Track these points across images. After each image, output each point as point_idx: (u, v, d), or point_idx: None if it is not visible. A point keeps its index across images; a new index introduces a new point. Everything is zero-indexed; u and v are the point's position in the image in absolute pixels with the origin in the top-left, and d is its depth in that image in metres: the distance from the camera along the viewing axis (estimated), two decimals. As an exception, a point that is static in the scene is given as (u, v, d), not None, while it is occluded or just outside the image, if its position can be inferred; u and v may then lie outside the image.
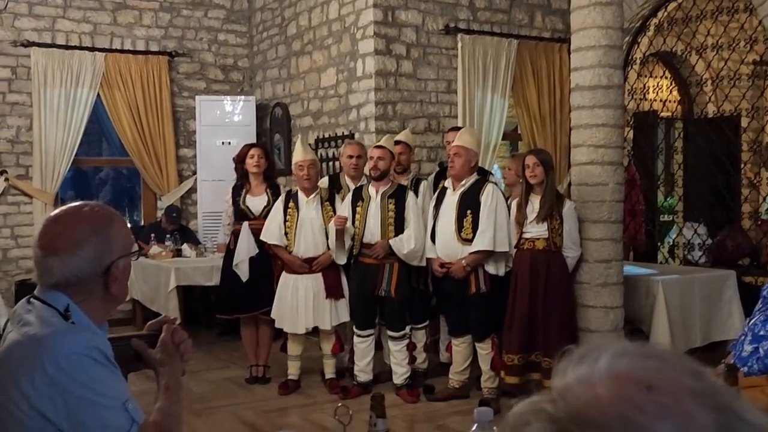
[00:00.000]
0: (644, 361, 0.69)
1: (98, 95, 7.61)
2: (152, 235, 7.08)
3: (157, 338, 1.80)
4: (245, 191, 5.63)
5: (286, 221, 5.28)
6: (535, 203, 4.78)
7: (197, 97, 7.98)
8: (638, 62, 7.57)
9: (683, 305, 5.43)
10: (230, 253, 5.62)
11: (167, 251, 6.85)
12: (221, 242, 6.37)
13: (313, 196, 5.29)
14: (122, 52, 7.80)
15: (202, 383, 5.56)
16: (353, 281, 5.22)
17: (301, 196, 5.31)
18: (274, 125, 8.03)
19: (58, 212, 1.73)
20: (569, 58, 5.23)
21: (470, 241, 4.82)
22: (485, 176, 5.22)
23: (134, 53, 7.85)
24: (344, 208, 5.18)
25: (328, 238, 5.20)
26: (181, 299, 6.32)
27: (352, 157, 5.45)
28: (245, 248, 5.52)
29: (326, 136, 7.17)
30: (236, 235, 5.58)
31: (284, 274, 5.33)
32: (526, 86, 7.20)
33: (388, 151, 5.18)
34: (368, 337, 5.20)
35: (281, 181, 6.22)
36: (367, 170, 5.38)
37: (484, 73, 6.89)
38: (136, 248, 1.83)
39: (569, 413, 0.66)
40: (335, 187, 5.53)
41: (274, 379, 5.58)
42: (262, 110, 8.15)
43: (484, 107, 6.88)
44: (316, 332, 5.37)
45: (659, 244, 7.97)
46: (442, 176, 5.48)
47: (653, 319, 5.28)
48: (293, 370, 5.43)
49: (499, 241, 4.79)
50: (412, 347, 5.24)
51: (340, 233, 5.05)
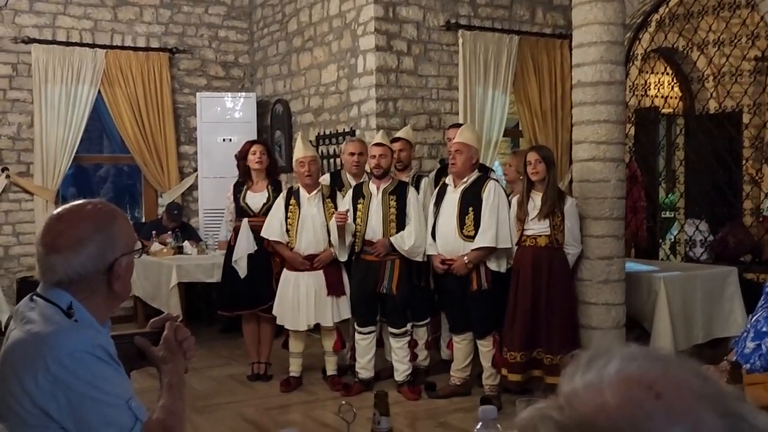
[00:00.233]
0: (651, 365, 0.69)
1: (99, 92, 7.60)
2: (153, 232, 7.08)
3: (159, 336, 1.80)
4: (246, 188, 5.63)
5: (287, 218, 5.28)
6: (536, 200, 4.77)
7: (198, 93, 7.97)
8: (640, 58, 7.56)
9: (685, 302, 5.43)
10: (231, 249, 5.64)
11: (168, 248, 6.86)
12: (222, 239, 6.38)
13: (314, 192, 5.28)
14: (123, 48, 7.79)
15: (204, 380, 5.56)
16: (355, 278, 5.22)
17: (302, 192, 5.30)
18: (274, 122, 8.02)
19: (60, 210, 1.73)
20: (570, 54, 5.23)
21: (472, 237, 4.82)
22: (486, 173, 5.21)
23: (135, 50, 7.84)
24: (344, 204, 5.17)
25: (329, 235, 5.20)
26: (182, 296, 6.32)
27: (353, 154, 5.44)
28: (244, 245, 5.53)
29: (327, 132, 7.17)
30: (237, 231, 5.59)
31: (285, 271, 5.33)
32: (527, 82, 7.18)
33: (388, 147, 5.18)
34: (369, 334, 5.20)
35: (282, 178, 6.21)
36: (368, 168, 5.37)
37: (485, 69, 6.87)
38: (139, 246, 1.83)
39: (576, 420, 0.66)
40: (337, 184, 5.53)
41: (275, 376, 5.58)
42: (262, 107, 8.14)
43: (485, 104, 6.87)
44: (317, 329, 5.37)
45: (661, 240, 7.97)
46: (443, 173, 5.47)
47: (655, 315, 5.28)
48: (295, 367, 5.43)
49: (501, 237, 4.79)
50: (413, 344, 5.23)
51: (341, 230, 5.05)
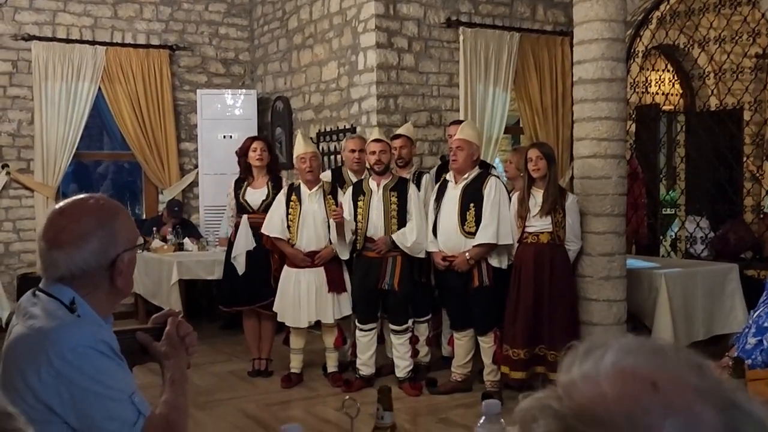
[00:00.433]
0: (649, 357, 0.69)
1: (99, 89, 7.60)
2: (154, 228, 7.08)
3: (162, 331, 1.79)
4: (246, 184, 5.63)
5: (288, 214, 5.28)
6: (537, 197, 4.77)
7: (198, 90, 7.96)
8: (641, 55, 7.55)
9: (686, 298, 5.43)
10: (232, 246, 5.64)
11: (169, 244, 6.87)
12: (223, 235, 6.38)
13: (316, 189, 5.28)
14: (123, 45, 7.78)
15: (205, 376, 5.56)
16: (356, 275, 5.21)
17: (303, 189, 5.30)
18: (275, 119, 8.02)
19: (62, 205, 1.72)
20: (571, 51, 5.22)
21: (473, 234, 4.82)
22: (487, 170, 5.21)
23: (135, 47, 7.83)
24: (344, 201, 5.17)
25: (330, 232, 5.20)
26: (183, 293, 6.32)
27: (354, 151, 5.44)
28: (243, 242, 5.53)
29: (328, 129, 7.16)
30: (237, 228, 5.59)
31: (286, 267, 5.33)
32: (528, 79, 7.18)
33: (387, 143, 5.18)
34: (371, 330, 5.20)
35: (283, 174, 6.21)
36: (368, 165, 5.37)
37: (485, 66, 6.87)
38: (141, 241, 1.82)
39: (574, 410, 0.66)
40: (338, 181, 5.53)
41: (276, 372, 5.59)
42: (263, 104, 8.14)
43: (486, 101, 6.87)
44: (318, 326, 5.38)
45: (661, 237, 7.97)
46: (444, 170, 5.47)
47: (656, 312, 5.29)
48: (296, 363, 5.43)
49: (502, 233, 4.79)
50: (414, 341, 5.24)
51: (339, 227, 5.04)
